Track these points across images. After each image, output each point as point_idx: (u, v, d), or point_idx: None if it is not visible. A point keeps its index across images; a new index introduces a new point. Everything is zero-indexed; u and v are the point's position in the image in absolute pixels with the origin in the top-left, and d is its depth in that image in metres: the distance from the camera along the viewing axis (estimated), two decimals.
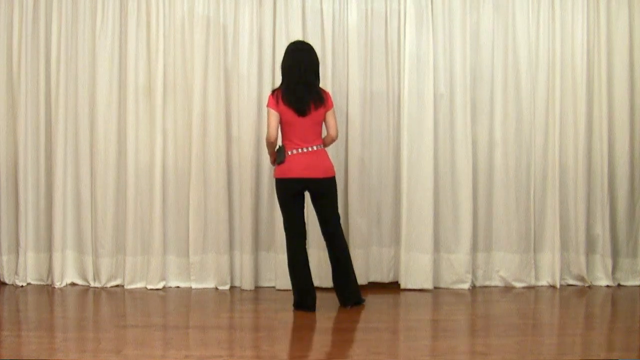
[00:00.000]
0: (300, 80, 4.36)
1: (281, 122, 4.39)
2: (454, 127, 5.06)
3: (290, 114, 4.35)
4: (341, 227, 4.53)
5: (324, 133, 4.51)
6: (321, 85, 4.98)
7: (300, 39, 4.81)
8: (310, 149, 4.38)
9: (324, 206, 4.47)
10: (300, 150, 4.37)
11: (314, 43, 5.01)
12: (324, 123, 4.46)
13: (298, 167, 4.36)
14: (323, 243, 4.69)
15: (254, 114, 5.03)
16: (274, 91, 4.44)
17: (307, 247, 4.56)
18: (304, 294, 4.47)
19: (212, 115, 5.03)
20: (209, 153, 5.04)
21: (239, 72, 5.03)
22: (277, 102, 4.36)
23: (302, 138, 4.37)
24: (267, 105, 4.41)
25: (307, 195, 4.51)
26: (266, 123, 5.01)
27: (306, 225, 4.55)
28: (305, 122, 4.36)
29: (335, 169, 4.58)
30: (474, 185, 5.07)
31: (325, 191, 4.44)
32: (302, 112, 4.34)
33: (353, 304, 4.52)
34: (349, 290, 4.51)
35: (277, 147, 4.45)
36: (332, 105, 4.45)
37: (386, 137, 5.11)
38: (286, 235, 4.48)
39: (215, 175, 5.04)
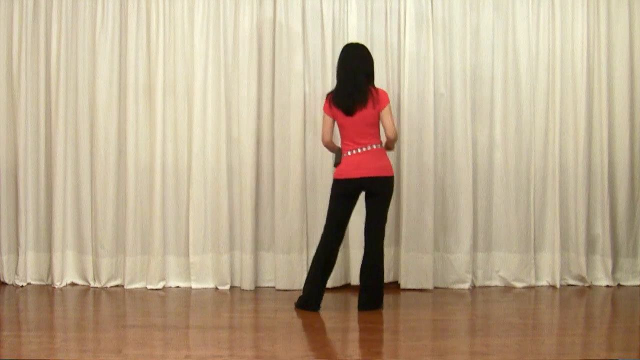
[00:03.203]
0: (348, 81, 4.37)
1: (337, 124, 4.43)
2: (453, 127, 5.07)
3: (340, 116, 4.37)
4: (382, 233, 4.44)
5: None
6: (321, 85, 5.01)
7: (355, 41, 4.72)
8: (363, 150, 4.36)
9: (373, 204, 4.41)
10: (353, 151, 4.37)
11: (314, 43, 5.03)
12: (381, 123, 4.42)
13: (350, 167, 4.36)
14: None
15: (254, 114, 5.03)
16: (327, 95, 4.47)
17: (339, 247, 4.51)
18: (311, 294, 4.44)
19: (212, 115, 5.04)
20: (209, 153, 5.04)
21: (239, 72, 5.03)
22: (330, 106, 4.40)
23: (355, 139, 4.37)
24: (322, 109, 4.47)
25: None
26: (265, 123, 5.07)
27: (346, 228, 4.51)
28: (355, 122, 4.34)
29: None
30: (474, 185, 5.07)
31: (377, 190, 4.38)
32: (348, 112, 4.34)
33: (367, 309, 4.46)
34: (365, 295, 4.45)
35: (337, 148, 4.49)
36: (385, 104, 4.36)
37: None
38: (323, 231, 4.47)
39: (215, 175, 5.04)
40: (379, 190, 4.38)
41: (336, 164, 4.46)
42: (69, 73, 5.06)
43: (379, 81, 5.07)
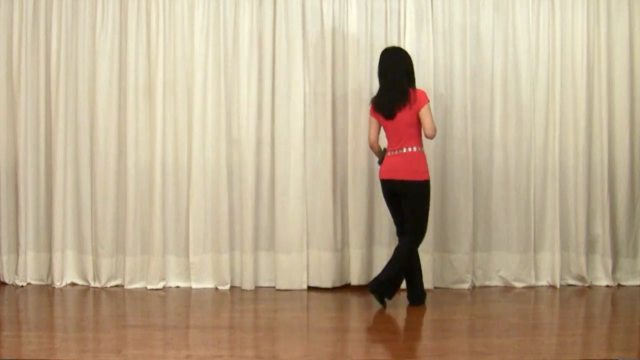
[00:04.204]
0: (385, 85, 4.49)
1: (382, 126, 4.55)
2: (453, 127, 5.07)
3: (381, 119, 4.50)
4: (414, 235, 4.47)
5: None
6: (321, 84, 5.00)
7: (393, 44, 4.84)
8: (399, 151, 4.45)
9: (405, 208, 4.49)
10: (393, 152, 4.48)
11: (314, 43, 5.03)
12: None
13: (387, 169, 4.49)
14: (325, 243, 4.71)
15: (254, 114, 5.03)
16: (372, 98, 4.58)
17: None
18: (379, 280, 4.43)
19: (212, 115, 5.03)
20: (209, 153, 5.04)
21: (239, 73, 5.03)
22: (374, 109, 4.52)
23: (394, 140, 4.47)
24: (369, 112, 4.59)
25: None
26: (265, 123, 5.07)
27: (403, 225, 4.54)
28: (395, 125, 4.44)
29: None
30: (473, 184, 5.07)
31: (407, 193, 4.44)
32: (388, 115, 4.44)
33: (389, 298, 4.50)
34: (384, 289, 4.45)
35: (382, 149, 4.60)
36: (424, 104, 4.40)
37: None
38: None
39: (216, 175, 5.04)
40: (409, 194, 4.44)
41: (379, 163, 4.59)
42: (69, 73, 5.06)
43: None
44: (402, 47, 5.02)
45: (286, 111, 5.02)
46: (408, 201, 4.46)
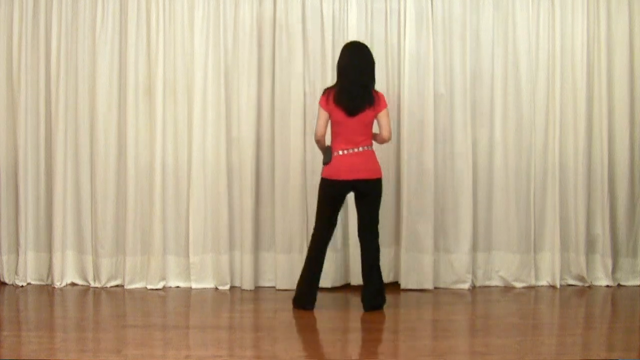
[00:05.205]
0: (354, 81, 4.36)
1: (331, 121, 4.40)
2: (453, 127, 5.07)
3: (340, 114, 4.35)
4: (377, 232, 4.48)
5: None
6: (321, 85, 5.00)
7: (357, 40, 4.71)
8: (357, 150, 4.37)
9: (365, 206, 4.44)
10: (347, 151, 4.37)
11: (314, 43, 5.03)
12: (375, 123, 4.43)
13: (344, 168, 4.35)
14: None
15: (254, 114, 5.03)
16: (325, 90, 4.44)
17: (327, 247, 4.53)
18: (304, 292, 4.47)
19: (212, 115, 5.03)
20: (209, 153, 5.04)
21: (239, 72, 5.03)
22: (327, 101, 4.37)
23: (350, 139, 4.37)
24: (319, 103, 4.43)
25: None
26: (265, 123, 5.06)
27: (336, 226, 4.53)
28: (354, 123, 4.35)
29: None
30: (474, 185, 5.07)
31: (369, 192, 4.41)
32: (352, 112, 4.33)
33: (371, 309, 4.46)
34: (367, 296, 4.46)
35: (326, 146, 4.46)
36: (385, 106, 4.41)
37: None
38: (314, 231, 4.49)
39: (215, 175, 5.04)
40: (371, 192, 4.41)
41: (326, 162, 4.43)
42: (69, 73, 5.05)
43: (379, 81, 5.08)
44: (400, 47, 5.04)
45: (286, 111, 5.02)
46: (369, 200, 4.42)
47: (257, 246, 5.10)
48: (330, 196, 4.43)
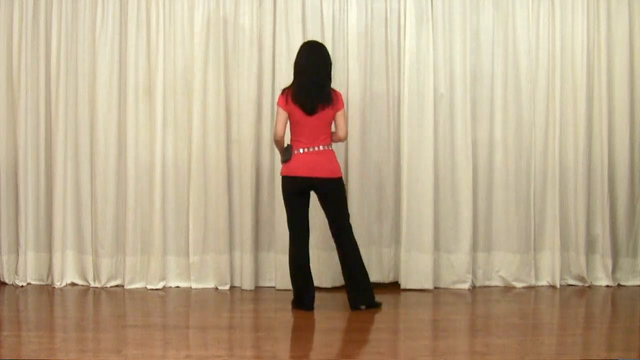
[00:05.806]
0: (312, 80, 4.37)
1: (290, 121, 4.40)
2: (454, 127, 5.07)
3: (298, 113, 4.36)
4: (350, 227, 4.48)
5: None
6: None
7: (313, 39, 4.75)
8: (316, 149, 4.38)
9: (330, 206, 4.45)
10: (307, 149, 4.37)
11: None
12: (333, 123, 4.45)
13: (303, 166, 4.35)
14: (324, 243, 4.70)
15: (254, 114, 5.03)
16: (284, 90, 4.44)
17: (309, 246, 4.54)
18: (301, 293, 4.47)
19: (212, 115, 5.03)
20: (209, 153, 5.04)
21: (239, 73, 5.03)
22: (287, 101, 4.37)
23: (310, 137, 4.37)
24: (277, 103, 4.43)
25: (313, 196, 4.50)
26: (265, 123, 5.06)
27: (309, 224, 4.52)
28: (313, 122, 4.35)
29: None
30: (474, 185, 5.07)
31: (330, 191, 4.43)
32: (310, 111, 4.34)
33: (365, 306, 4.46)
34: (356, 292, 4.46)
35: (286, 145, 4.45)
36: (342, 106, 4.43)
37: (386, 137, 5.11)
38: (289, 233, 4.48)
39: (215, 175, 5.04)
40: (332, 192, 4.42)
41: (285, 160, 4.42)
42: (69, 73, 5.05)
43: (379, 81, 5.09)
44: (400, 47, 5.04)
45: None
46: (332, 199, 4.43)
47: (257, 246, 5.10)
48: (292, 193, 4.41)
